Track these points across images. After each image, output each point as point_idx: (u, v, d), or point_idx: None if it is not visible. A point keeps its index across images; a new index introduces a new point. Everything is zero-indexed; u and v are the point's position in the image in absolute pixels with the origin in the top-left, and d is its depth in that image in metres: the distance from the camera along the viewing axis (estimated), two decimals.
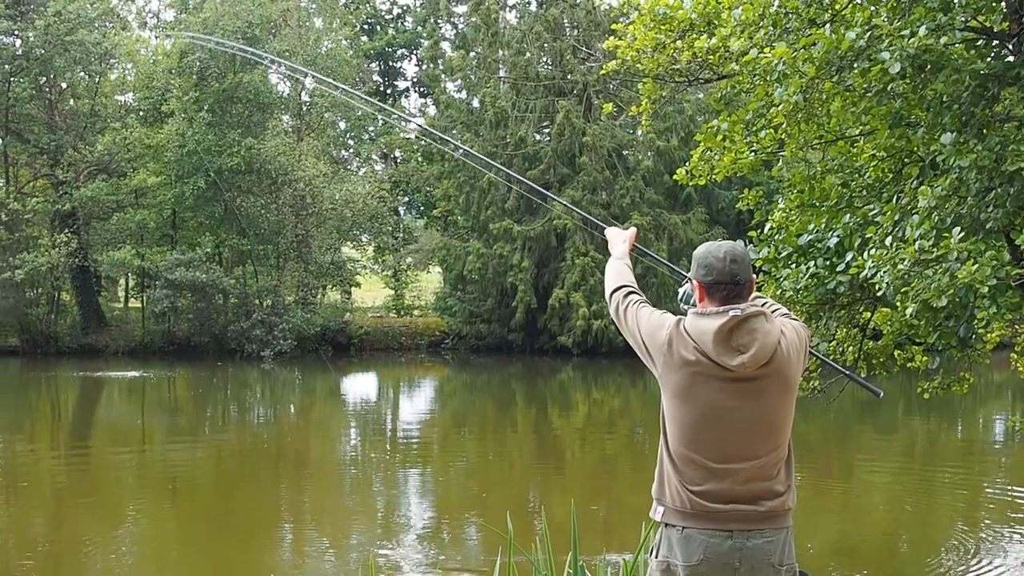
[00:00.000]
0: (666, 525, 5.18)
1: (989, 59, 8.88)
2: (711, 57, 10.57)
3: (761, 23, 9.35)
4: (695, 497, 5.05)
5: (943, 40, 8.05)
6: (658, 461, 5.29)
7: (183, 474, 21.67)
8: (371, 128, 62.86)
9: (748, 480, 5.06)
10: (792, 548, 5.20)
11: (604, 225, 6.76)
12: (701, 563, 5.03)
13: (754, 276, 5.32)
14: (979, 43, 9.28)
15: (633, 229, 6.35)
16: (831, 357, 10.58)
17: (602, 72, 12.79)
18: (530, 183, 8.10)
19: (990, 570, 13.78)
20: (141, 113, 49.87)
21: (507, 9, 51.71)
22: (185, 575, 13.80)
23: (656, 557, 5.22)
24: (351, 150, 64.71)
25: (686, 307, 5.64)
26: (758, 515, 5.07)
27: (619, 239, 6.25)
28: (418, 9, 66.45)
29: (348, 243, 54.79)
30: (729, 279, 5.12)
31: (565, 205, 8.67)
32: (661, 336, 5.17)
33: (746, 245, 9.77)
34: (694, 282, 5.27)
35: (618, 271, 5.88)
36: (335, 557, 14.00)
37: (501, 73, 50.00)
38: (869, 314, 10.29)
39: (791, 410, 5.20)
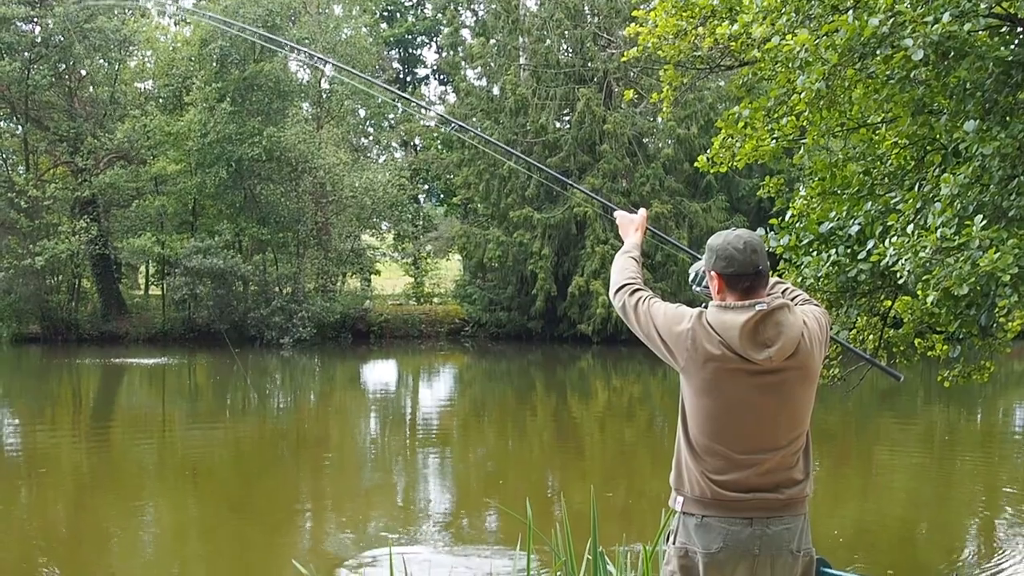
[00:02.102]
0: (684, 513, 5.18)
1: (1013, 46, 8.82)
2: (733, 44, 10.53)
3: (783, 9, 9.32)
4: (716, 487, 5.06)
5: (967, 27, 8.00)
6: (676, 451, 5.29)
7: (203, 460, 21.72)
8: (391, 116, 62.84)
9: (770, 470, 5.08)
10: (809, 534, 5.22)
11: (614, 207, 6.68)
12: (721, 551, 5.04)
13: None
14: (1003, 30, 9.22)
15: (644, 212, 6.27)
16: (852, 345, 10.55)
17: (623, 59, 12.75)
18: (549, 170, 8.05)
19: (1009, 558, 13.75)
20: (161, 100, 49.89)
21: None
22: (205, 560, 13.82)
23: (674, 544, 5.22)
24: (371, 138, 64.72)
25: (698, 289, 5.63)
26: (778, 503, 5.08)
27: (630, 225, 6.19)
28: None
29: (368, 231, 54.74)
30: (751, 269, 5.11)
31: (584, 192, 8.67)
32: (682, 330, 5.14)
33: (767, 233, 9.76)
34: (712, 273, 5.23)
35: (623, 267, 5.80)
36: (354, 542, 14.02)
37: (521, 60, 49.92)
38: (890, 302, 10.25)
39: (812, 400, 5.23)
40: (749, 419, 5.06)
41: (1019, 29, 9.21)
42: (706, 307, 5.20)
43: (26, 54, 45.79)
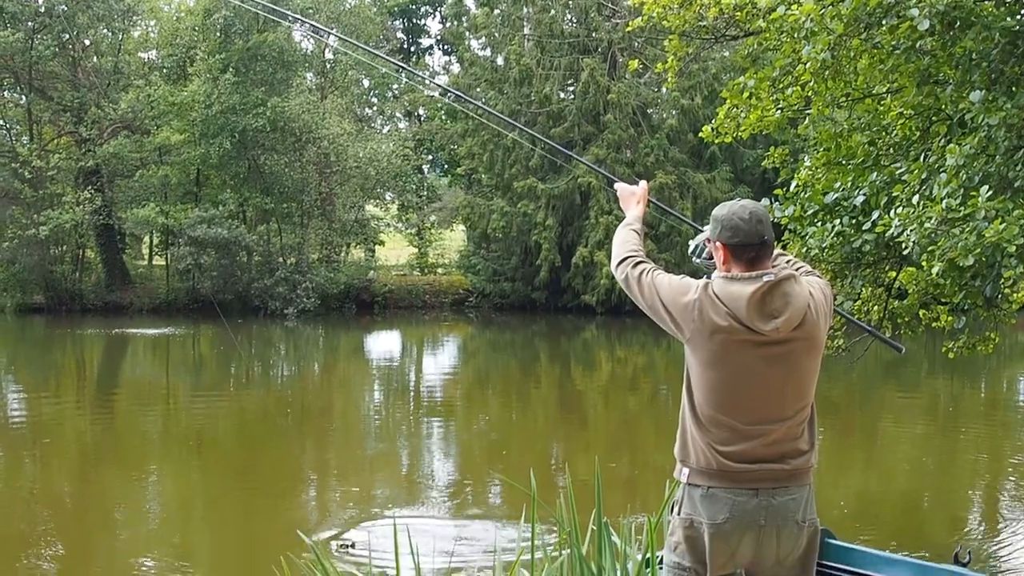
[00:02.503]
0: (690, 485, 5.17)
1: (1019, 15, 8.79)
2: (738, 14, 10.52)
3: None
4: (722, 458, 5.04)
5: None
6: (680, 422, 5.27)
7: (207, 430, 21.75)
8: (395, 86, 62.73)
9: (776, 441, 5.06)
10: (814, 505, 5.21)
11: (615, 180, 6.63)
12: (726, 521, 5.03)
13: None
14: (1009, 0, 9.19)
15: (645, 184, 6.22)
16: (856, 316, 10.55)
17: (627, 29, 12.72)
18: (549, 141, 7.99)
19: (1013, 529, 13.76)
20: (164, 71, 49.84)
21: None
22: (210, 531, 13.85)
23: (679, 515, 5.22)
24: (375, 108, 64.62)
25: (699, 261, 5.61)
26: (784, 473, 5.07)
27: (632, 198, 6.13)
28: None
29: (372, 201, 54.76)
30: (757, 239, 5.09)
31: (586, 164, 8.64)
32: (688, 301, 5.11)
33: (772, 203, 9.74)
34: (717, 244, 5.20)
35: (624, 239, 5.72)
36: (358, 513, 14.03)
37: (525, 30, 49.82)
38: (895, 273, 10.23)
39: (817, 370, 5.21)
40: (756, 390, 5.04)
41: None
42: (711, 278, 5.18)
43: (29, 24, 45.77)
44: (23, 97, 48.91)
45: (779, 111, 10.50)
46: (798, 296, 5.02)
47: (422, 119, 66.29)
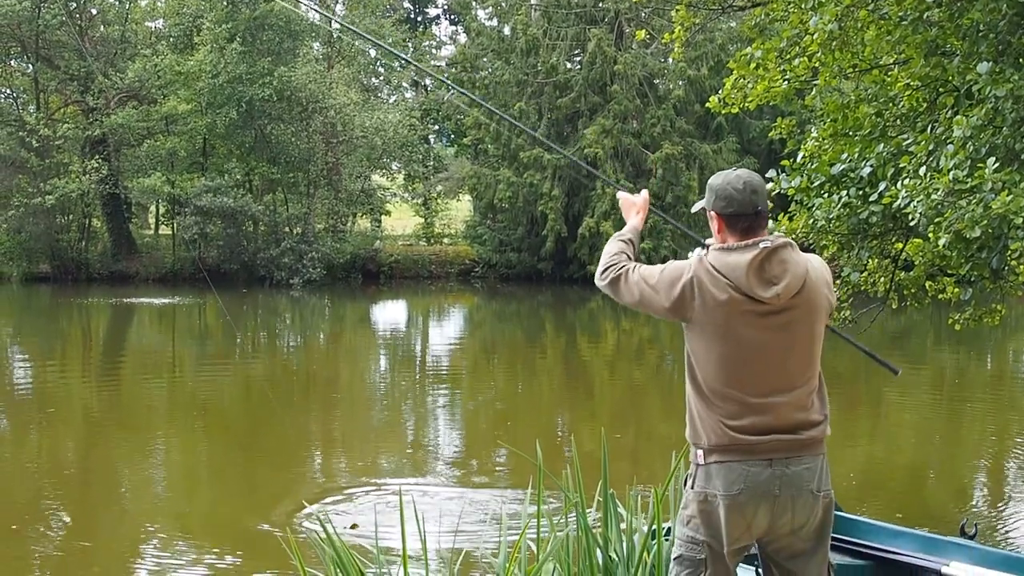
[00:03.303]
0: (705, 464, 5.17)
1: None
2: None
3: None
4: (733, 431, 5.04)
5: None
6: (688, 408, 5.27)
7: (213, 400, 21.79)
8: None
9: (786, 411, 5.07)
10: (828, 476, 5.22)
11: (618, 187, 6.65)
12: (741, 492, 5.03)
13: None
14: None
15: (645, 193, 6.19)
16: (863, 287, 10.56)
17: (634, 0, 12.69)
18: (533, 134, 7.90)
19: (1018, 500, 13.78)
20: (171, 40, 49.80)
21: None
22: (215, 500, 13.88)
23: (692, 488, 5.21)
24: (381, 78, 64.51)
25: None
26: (797, 443, 5.07)
27: (632, 208, 6.11)
28: None
29: (378, 171, 54.74)
30: (751, 209, 5.12)
31: (582, 165, 8.64)
32: (685, 281, 5.12)
33: (778, 174, 9.73)
34: (712, 213, 5.24)
35: (609, 251, 5.65)
36: (364, 483, 14.05)
37: (532, 1, 49.71)
38: (901, 245, 10.21)
39: (821, 338, 5.22)
40: (761, 361, 5.05)
41: None
42: (706, 252, 5.18)
43: None
44: (30, 66, 48.99)
45: (786, 82, 10.49)
46: (796, 263, 5.05)
47: (428, 89, 66.20)
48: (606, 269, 5.53)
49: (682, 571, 5.27)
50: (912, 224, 8.34)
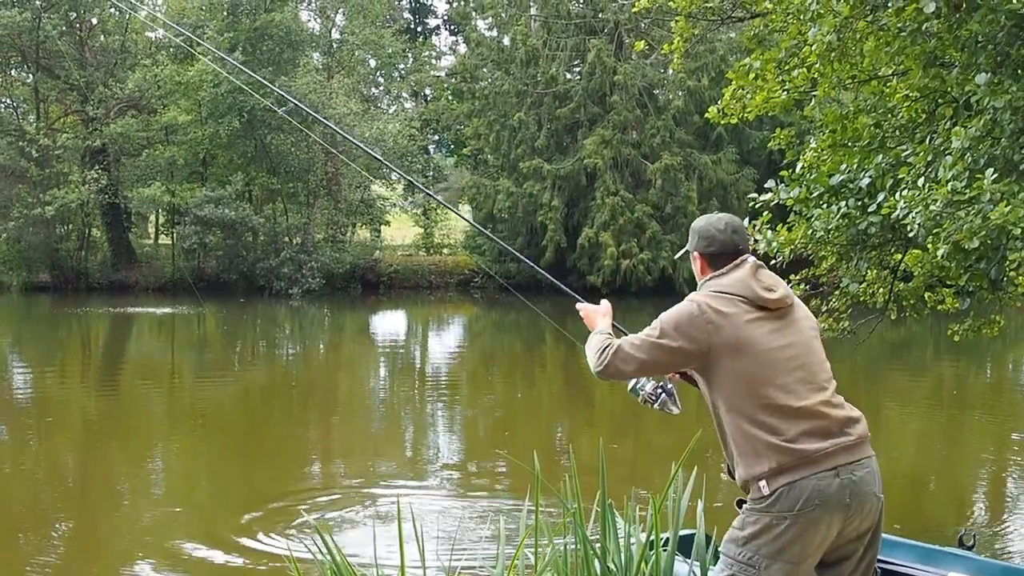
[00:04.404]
0: (774, 491, 5.06)
1: None
2: None
3: None
4: (790, 445, 5.02)
5: None
6: (732, 446, 5.22)
7: (212, 409, 21.78)
8: (401, 66, 62.70)
9: (829, 410, 5.13)
10: (880, 477, 5.27)
11: (578, 298, 6.72)
12: (816, 508, 4.99)
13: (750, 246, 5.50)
14: None
15: (607, 303, 6.19)
16: (862, 298, 10.61)
17: (634, 10, 12.72)
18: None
19: (1017, 512, 13.79)
20: (171, 50, 49.83)
21: None
22: (214, 509, 13.87)
23: (755, 511, 5.12)
24: (381, 88, 64.58)
25: (640, 395, 5.86)
26: (853, 446, 5.13)
27: (596, 315, 6.10)
28: None
29: (378, 181, 54.76)
30: (732, 248, 5.36)
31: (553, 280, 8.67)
32: (695, 314, 5.21)
33: (777, 184, 9.74)
34: (695, 254, 5.47)
35: (591, 344, 5.67)
36: (363, 492, 14.06)
37: (532, 11, 49.77)
38: (900, 255, 10.23)
39: (822, 349, 5.36)
40: (786, 365, 5.12)
41: None
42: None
43: (37, 2, 45.85)
44: (30, 76, 49.01)
45: (785, 93, 10.52)
46: (780, 281, 5.30)
47: (428, 99, 66.25)
48: (597, 356, 5.49)
49: None
50: (911, 235, 8.35)
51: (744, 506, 5.24)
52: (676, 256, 5.91)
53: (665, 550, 6.46)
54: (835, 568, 5.26)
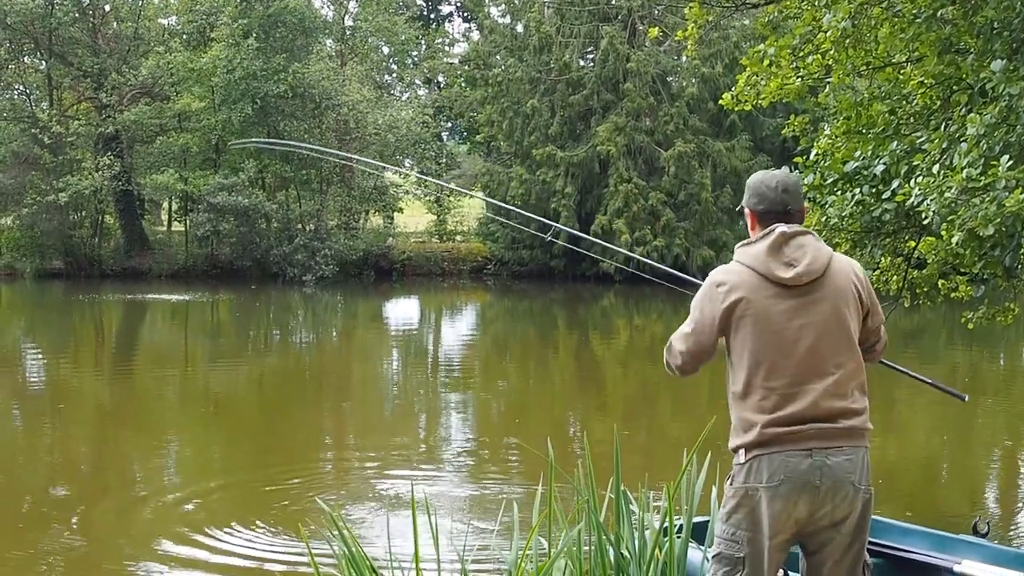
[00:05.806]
0: (746, 462, 5.19)
1: None
2: None
3: None
4: (771, 423, 5.10)
5: None
6: (731, 418, 5.33)
7: (225, 396, 21.82)
8: (414, 53, 62.66)
9: (823, 399, 5.12)
10: (869, 471, 5.27)
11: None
12: (782, 483, 5.08)
13: (805, 206, 5.40)
14: None
15: None
16: (875, 286, 10.55)
17: None
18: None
19: None
20: (185, 37, 49.84)
21: None
22: (227, 495, 13.88)
23: (731, 484, 5.27)
24: (394, 75, 64.57)
25: None
26: (836, 432, 5.13)
27: None
28: None
29: (391, 169, 54.75)
30: (780, 208, 5.29)
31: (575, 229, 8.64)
32: (709, 289, 5.33)
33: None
34: (746, 209, 5.42)
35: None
36: (376, 478, 14.06)
37: None
38: (914, 243, 10.19)
39: (855, 327, 5.31)
40: (791, 346, 5.13)
41: None
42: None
43: None
44: (43, 63, 49.04)
45: (799, 79, 10.48)
46: (817, 248, 5.19)
47: (441, 86, 66.22)
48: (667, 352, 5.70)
49: (720, 569, 5.32)
50: (925, 222, 8.33)
51: (726, 484, 5.35)
52: (737, 209, 5.86)
53: (679, 537, 6.46)
54: (817, 556, 5.32)
